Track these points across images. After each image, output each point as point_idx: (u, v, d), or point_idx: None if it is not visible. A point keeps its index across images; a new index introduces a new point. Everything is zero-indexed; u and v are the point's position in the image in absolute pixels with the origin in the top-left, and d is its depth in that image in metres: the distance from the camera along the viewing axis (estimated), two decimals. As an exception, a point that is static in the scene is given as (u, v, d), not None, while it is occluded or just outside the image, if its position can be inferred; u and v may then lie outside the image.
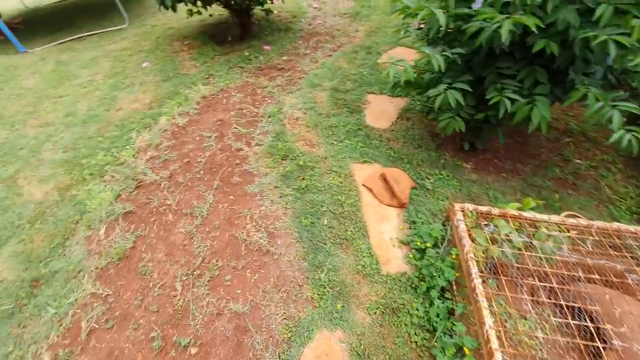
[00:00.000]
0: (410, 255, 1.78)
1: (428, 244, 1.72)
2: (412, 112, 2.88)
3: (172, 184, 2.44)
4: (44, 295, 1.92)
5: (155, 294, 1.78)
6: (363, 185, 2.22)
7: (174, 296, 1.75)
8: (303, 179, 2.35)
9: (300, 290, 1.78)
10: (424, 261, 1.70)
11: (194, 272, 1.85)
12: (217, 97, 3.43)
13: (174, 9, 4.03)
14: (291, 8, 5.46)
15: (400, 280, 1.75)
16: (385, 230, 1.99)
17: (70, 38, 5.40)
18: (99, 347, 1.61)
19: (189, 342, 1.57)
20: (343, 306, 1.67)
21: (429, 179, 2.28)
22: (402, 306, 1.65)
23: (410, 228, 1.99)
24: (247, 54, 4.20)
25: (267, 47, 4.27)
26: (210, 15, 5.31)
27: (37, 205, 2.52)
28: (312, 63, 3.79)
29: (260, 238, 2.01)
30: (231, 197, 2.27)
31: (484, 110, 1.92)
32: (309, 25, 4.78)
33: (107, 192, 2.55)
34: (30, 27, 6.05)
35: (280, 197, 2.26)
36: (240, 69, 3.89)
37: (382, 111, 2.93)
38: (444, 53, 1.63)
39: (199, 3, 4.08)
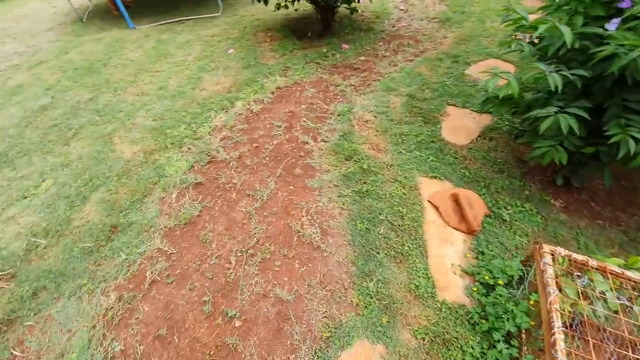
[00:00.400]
0: (474, 289, 1.65)
1: (500, 281, 1.57)
2: (497, 132, 2.66)
3: (240, 165, 2.65)
4: (119, 242, 2.24)
5: (212, 263, 1.95)
6: (428, 201, 2.13)
7: (228, 269, 1.90)
8: (364, 182, 2.34)
9: (345, 293, 1.78)
10: (491, 298, 1.56)
11: (248, 251, 1.98)
12: (290, 89, 3.60)
13: (266, 2, 4.34)
14: (375, 8, 5.48)
15: (457, 312, 1.63)
16: (447, 255, 1.88)
17: (171, 20, 6.18)
18: (157, 298, 1.82)
19: (234, 315, 1.68)
20: (389, 321, 1.62)
21: (507, 210, 2.08)
22: (455, 339, 1.54)
23: (476, 258, 1.84)
24: (324, 50, 4.34)
25: (345, 46, 4.34)
26: (296, 10, 5.60)
27: (125, 162, 2.94)
28: (390, 66, 3.75)
29: (313, 233, 2.07)
30: (291, 187, 2.37)
31: (595, 144, 1.69)
32: (392, 27, 4.74)
33: (183, 162, 2.87)
34: (139, 7, 7.06)
35: (339, 196, 2.28)
36: (316, 65, 4.04)
37: (461, 126, 2.77)
38: (561, 72, 1.47)
39: None
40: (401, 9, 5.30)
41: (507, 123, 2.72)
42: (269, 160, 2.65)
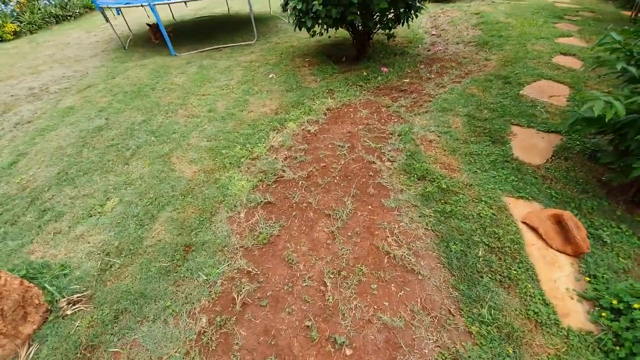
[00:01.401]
0: (604, 314, 1.53)
1: (636, 305, 1.46)
2: (570, 152, 2.63)
3: (311, 184, 2.64)
4: (195, 262, 2.18)
5: (304, 285, 1.87)
6: (523, 222, 2.06)
7: (323, 291, 1.82)
8: (446, 202, 2.29)
9: (454, 320, 1.67)
10: (623, 323, 1.44)
11: (341, 273, 1.91)
12: (342, 110, 3.68)
13: (308, 31, 4.54)
14: (406, 34, 5.71)
15: (586, 339, 1.51)
16: (558, 279, 1.78)
17: (210, 48, 6.51)
18: (254, 322, 1.73)
19: (343, 342, 1.58)
20: (514, 351, 1.50)
21: (604, 231, 2.00)
22: (591, 371, 1.41)
23: (590, 282, 1.73)
24: (365, 73, 4.47)
25: (385, 69, 4.48)
26: (329, 37, 5.88)
27: (187, 181, 2.95)
28: (439, 88, 3.83)
29: (404, 254, 2.00)
30: (369, 207, 2.33)
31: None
32: (428, 51, 4.91)
33: (244, 181, 2.87)
34: (177, 36, 7.48)
35: (420, 217, 2.23)
36: (359, 87, 4.15)
37: (531, 145, 2.75)
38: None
39: (323, 26, 4.55)
40: (433, 34, 5.52)
41: (579, 143, 2.70)
42: (339, 179, 2.65)
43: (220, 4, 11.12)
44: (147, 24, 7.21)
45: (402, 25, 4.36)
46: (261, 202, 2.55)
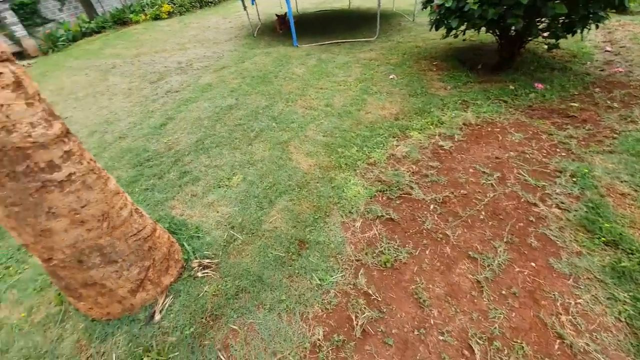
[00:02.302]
0: None
1: None
2: None
3: (447, 212, 2.34)
4: (309, 261, 2.17)
5: (441, 339, 1.63)
6: None
7: (468, 358, 1.55)
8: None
9: None
10: None
11: (494, 343, 1.58)
12: (484, 128, 3.23)
13: (448, 31, 4.12)
14: (567, 45, 4.74)
15: None
16: None
17: (329, 42, 6.64)
18: None
19: None
20: None
21: None
22: None
23: None
24: (511, 87, 3.86)
25: (539, 85, 3.77)
26: (464, 40, 5.32)
27: (303, 174, 3.00)
28: (627, 122, 2.99)
29: (585, 347, 1.53)
30: (531, 263, 1.91)
31: None
32: (601, 71, 3.96)
33: (360, 187, 2.76)
34: (299, 28, 7.85)
35: (609, 299, 1.71)
36: (504, 103, 3.59)
37: None
38: None
39: (469, 28, 4.05)
40: (607, 50, 4.43)
41: None
42: (485, 216, 2.27)
43: (341, -1, 11.34)
44: (276, 15, 7.77)
45: (573, 35, 3.57)
46: (381, 216, 2.39)
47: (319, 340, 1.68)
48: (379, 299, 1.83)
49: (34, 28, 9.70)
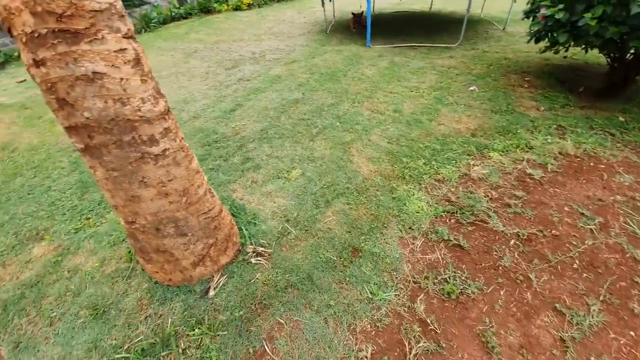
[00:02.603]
0: None
1: None
2: None
3: (532, 252, 2.06)
4: (360, 271, 2.08)
5: None
6: None
7: None
8: None
9: None
10: None
11: None
12: (584, 162, 2.80)
13: (552, 46, 3.65)
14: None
15: None
16: None
17: (404, 44, 6.40)
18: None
19: None
20: None
21: None
22: None
23: None
24: (621, 119, 3.29)
25: (657, 121, 3.16)
26: (564, 57, 4.70)
27: (363, 179, 2.91)
28: None
29: None
30: (631, 332, 1.59)
31: None
32: None
33: (424, 203, 2.58)
34: (373, 28, 7.70)
35: None
36: (611, 137, 3.07)
37: None
38: None
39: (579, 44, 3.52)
40: None
41: None
42: (579, 265, 1.95)
43: (419, 0, 10.89)
44: (352, 13, 7.72)
45: None
46: (448, 240, 2.20)
47: (366, 357, 1.60)
48: (438, 331, 1.68)
49: (132, 8, 11.05)
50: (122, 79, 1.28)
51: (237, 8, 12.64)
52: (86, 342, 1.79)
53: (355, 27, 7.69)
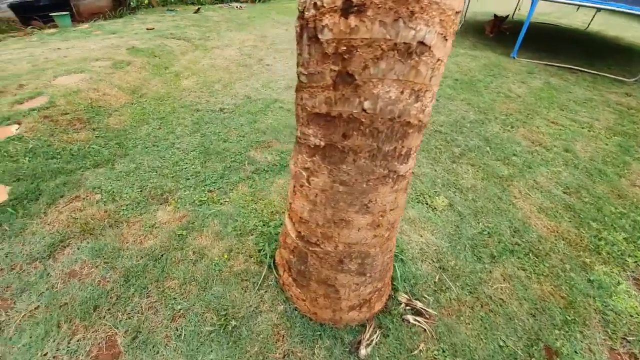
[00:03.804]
0: None
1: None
2: None
3: None
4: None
5: None
6: None
7: None
8: None
9: None
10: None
11: None
12: None
13: None
14: None
15: None
16: None
17: (560, 65, 5.27)
18: None
19: None
20: None
21: None
22: None
23: None
24: None
25: None
26: None
27: (538, 237, 2.22)
28: None
29: None
30: None
31: None
32: None
33: (638, 303, 1.84)
34: (512, 37, 6.58)
35: None
36: None
37: None
38: None
39: None
40: None
41: None
42: None
43: (568, 14, 9.21)
44: (495, 15, 6.65)
45: None
46: None
47: None
48: None
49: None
50: (438, 60, 0.81)
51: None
52: (213, 362, 1.47)
53: (492, 32, 6.63)
